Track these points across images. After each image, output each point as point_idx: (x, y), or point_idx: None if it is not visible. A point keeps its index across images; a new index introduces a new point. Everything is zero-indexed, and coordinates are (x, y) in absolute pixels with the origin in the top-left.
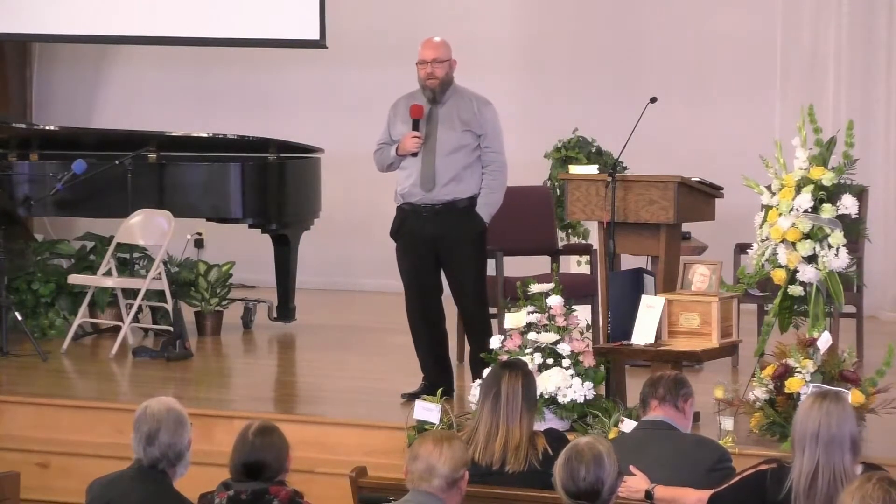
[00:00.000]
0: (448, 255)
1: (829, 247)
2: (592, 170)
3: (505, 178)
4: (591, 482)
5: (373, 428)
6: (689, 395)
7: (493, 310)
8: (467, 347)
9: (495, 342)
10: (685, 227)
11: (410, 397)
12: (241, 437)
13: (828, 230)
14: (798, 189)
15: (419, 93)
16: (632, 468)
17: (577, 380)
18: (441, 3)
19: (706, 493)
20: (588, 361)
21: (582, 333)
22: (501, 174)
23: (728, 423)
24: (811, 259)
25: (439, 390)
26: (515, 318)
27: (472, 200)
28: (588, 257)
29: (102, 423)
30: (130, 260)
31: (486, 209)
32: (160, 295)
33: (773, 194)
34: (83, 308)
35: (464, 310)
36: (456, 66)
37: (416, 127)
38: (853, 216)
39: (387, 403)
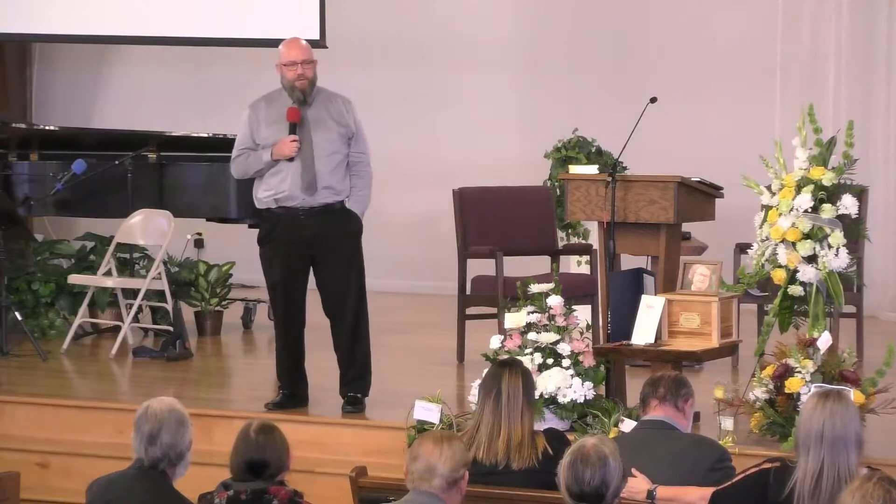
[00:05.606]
0: (328, 254)
1: (829, 247)
2: (592, 170)
3: (371, 177)
4: (596, 486)
5: (373, 428)
6: (689, 395)
7: (492, 310)
8: (467, 347)
9: (495, 342)
10: (685, 227)
11: (274, 406)
12: (242, 435)
13: (828, 230)
14: (798, 189)
15: (278, 94)
16: (633, 471)
17: (577, 380)
18: (441, 3)
19: (708, 491)
20: (588, 361)
21: (582, 333)
22: (368, 173)
23: (728, 423)
24: (811, 259)
25: (437, 391)
26: (515, 318)
27: (344, 202)
28: (588, 257)
29: (102, 423)
30: (130, 260)
31: (361, 206)
32: (160, 295)
33: (773, 194)
34: (83, 308)
35: (343, 310)
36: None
37: (293, 131)
38: (853, 216)
39: (387, 403)
